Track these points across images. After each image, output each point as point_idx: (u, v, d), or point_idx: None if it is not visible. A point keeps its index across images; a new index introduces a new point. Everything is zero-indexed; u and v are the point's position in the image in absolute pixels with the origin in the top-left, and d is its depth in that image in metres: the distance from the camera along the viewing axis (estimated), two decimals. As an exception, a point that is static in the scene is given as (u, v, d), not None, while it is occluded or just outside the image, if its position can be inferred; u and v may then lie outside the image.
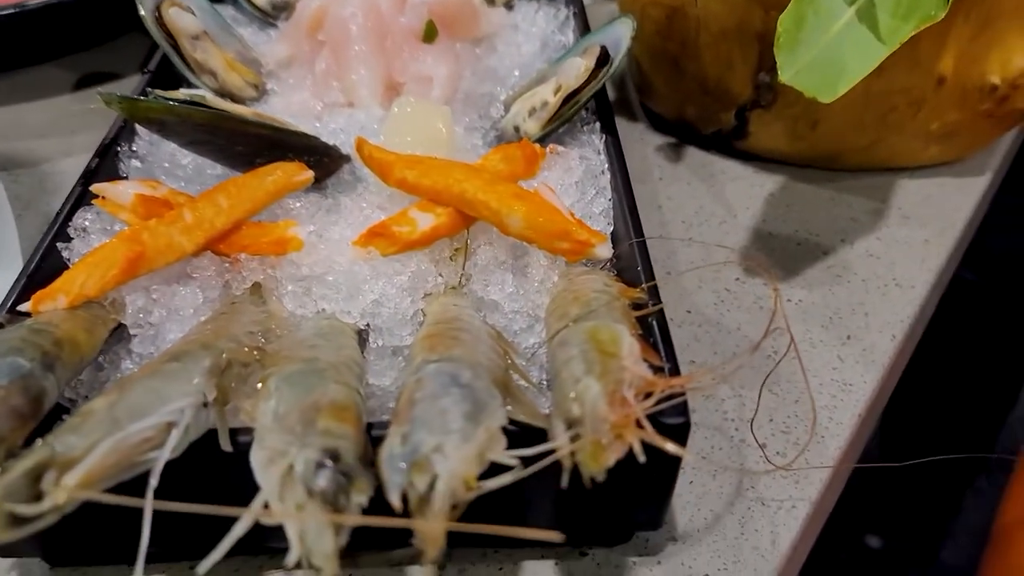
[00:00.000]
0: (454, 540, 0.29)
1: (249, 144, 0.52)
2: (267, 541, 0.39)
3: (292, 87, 0.65)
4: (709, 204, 0.67)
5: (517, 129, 0.60)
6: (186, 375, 0.35)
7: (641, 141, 0.75)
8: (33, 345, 0.38)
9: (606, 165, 0.54)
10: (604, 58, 0.57)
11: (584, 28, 0.70)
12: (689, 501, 0.46)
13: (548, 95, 0.58)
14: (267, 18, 0.76)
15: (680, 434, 0.37)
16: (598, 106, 0.59)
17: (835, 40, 0.50)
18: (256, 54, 0.69)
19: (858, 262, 0.61)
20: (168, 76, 0.66)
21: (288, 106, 0.63)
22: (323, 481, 0.29)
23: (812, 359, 0.54)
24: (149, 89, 0.51)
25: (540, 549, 0.44)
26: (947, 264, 0.63)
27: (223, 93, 0.65)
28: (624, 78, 0.82)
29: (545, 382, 0.44)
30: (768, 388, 0.51)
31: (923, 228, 0.64)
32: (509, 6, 0.74)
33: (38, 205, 0.68)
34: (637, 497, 0.40)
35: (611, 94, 0.80)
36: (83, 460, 0.30)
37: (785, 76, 0.49)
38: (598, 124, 0.58)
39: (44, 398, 0.37)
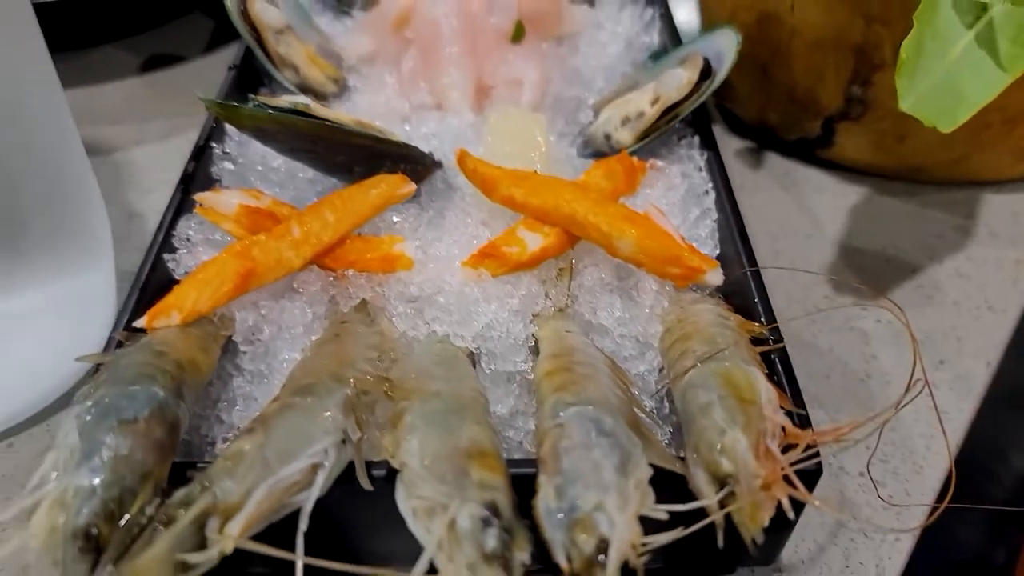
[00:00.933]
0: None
1: (350, 154, 0.51)
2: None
3: (375, 85, 0.64)
4: (794, 216, 0.66)
5: (608, 137, 0.59)
6: (322, 410, 0.35)
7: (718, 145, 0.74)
8: (162, 371, 0.38)
9: (710, 184, 0.53)
10: (706, 70, 0.56)
11: (671, 30, 0.69)
12: (794, 532, 0.46)
13: (645, 105, 0.57)
14: (342, 6, 0.75)
15: (812, 480, 0.37)
16: (696, 120, 0.58)
17: (954, 67, 0.49)
18: (337, 47, 0.68)
19: (948, 282, 0.61)
20: (248, 69, 0.65)
21: (374, 106, 0.62)
22: (492, 540, 0.29)
23: (904, 385, 0.54)
24: (252, 96, 0.50)
25: None
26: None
27: (304, 88, 0.64)
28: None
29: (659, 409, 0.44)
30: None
31: (1013, 248, 0.63)
32: (591, 2, 0.73)
33: (115, 197, 0.67)
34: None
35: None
36: (243, 507, 0.30)
37: (905, 105, 0.48)
38: (697, 138, 0.57)
39: (179, 426, 0.37)
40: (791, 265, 0.62)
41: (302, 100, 0.50)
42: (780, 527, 0.40)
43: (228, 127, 0.57)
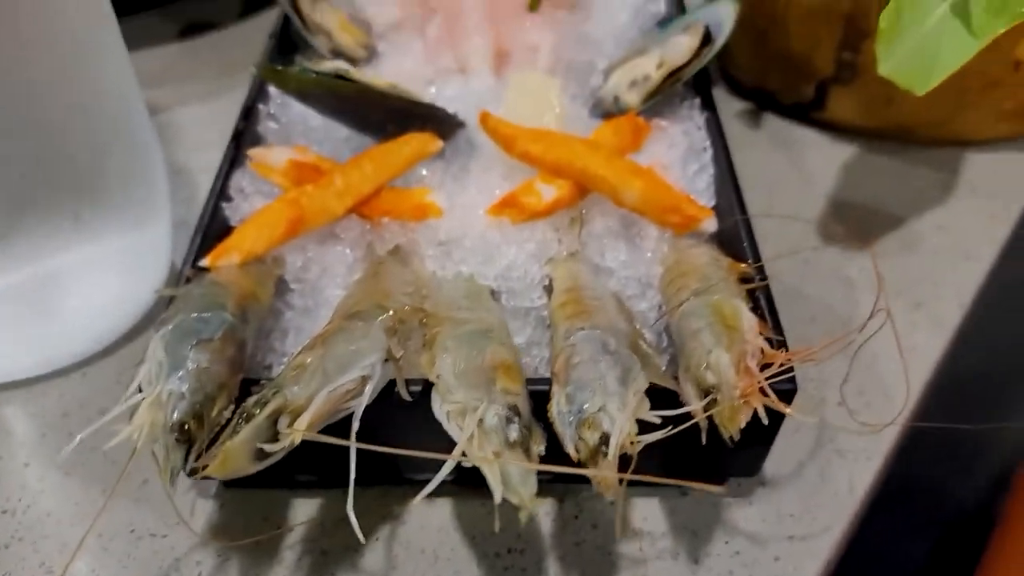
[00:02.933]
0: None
1: (384, 114, 0.57)
2: (406, 473, 0.46)
3: (402, 50, 0.69)
4: (787, 172, 0.72)
5: (616, 99, 0.64)
6: (369, 331, 0.41)
7: (719, 107, 0.79)
8: (229, 300, 0.44)
9: (708, 141, 0.59)
10: (707, 37, 0.61)
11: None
12: (776, 450, 0.52)
13: (651, 69, 0.62)
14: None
15: (788, 398, 0.43)
16: (697, 83, 0.63)
17: (930, 34, 0.54)
18: (366, 15, 0.73)
19: (929, 233, 0.66)
20: (285, 35, 0.71)
21: (401, 71, 0.67)
22: (515, 433, 0.35)
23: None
24: (298, 59, 0.55)
25: (646, 488, 0.50)
26: (1012, 235, 0.67)
27: (336, 52, 0.70)
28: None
29: (657, 343, 0.50)
30: (845, 353, 0.57)
31: (990, 201, 0.69)
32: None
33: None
34: (741, 448, 0.47)
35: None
36: (308, 407, 0.36)
37: (884, 69, 0.53)
38: (698, 100, 0.62)
39: (246, 347, 0.43)
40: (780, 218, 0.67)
41: (342, 65, 0.56)
42: (762, 440, 0.47)
43: (272, 90, 0.63)
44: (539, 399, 0.40)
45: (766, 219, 0.67)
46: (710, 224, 0.53)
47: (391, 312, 0.43)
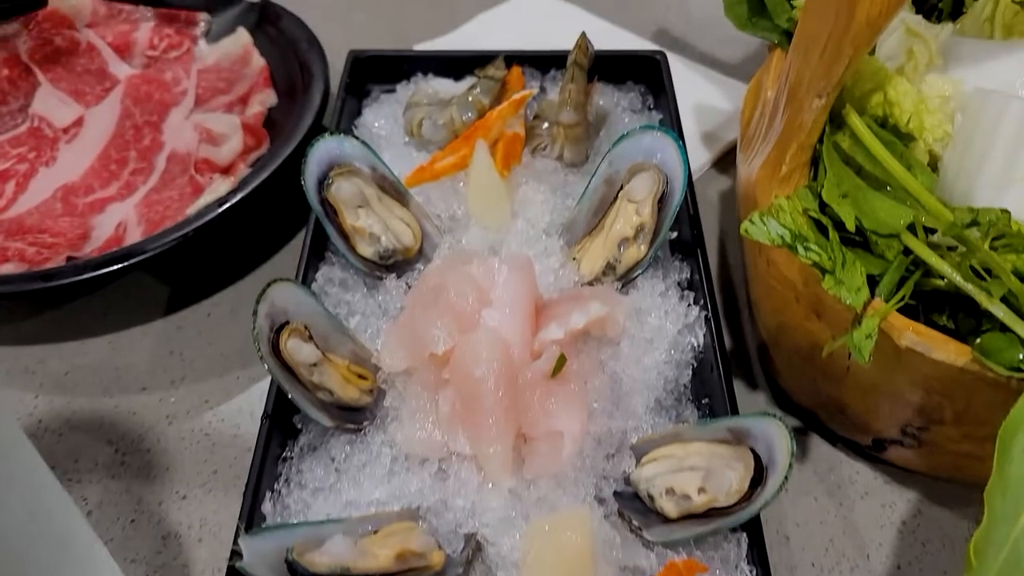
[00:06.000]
0: None
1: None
2: None
3: (411, 410, 0.62)
4: (840, 538, 0.64)
5: (651, 498, 0.57)
6: None
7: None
8: None
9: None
10: (758, 469, 0.54)
11: (716, 324, 0.65)
12: None
13: (691, 490, 0.55)
14: (375, 270, 0.72)
15: None
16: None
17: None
18: (371, 352, 0.66)
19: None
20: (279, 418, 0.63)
21: (411, 443, 0.60)
22: None
23: None
24: (290, 551, 0.48)
25: None
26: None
27: (339, 405, 0.63)
28: (744, 330, 0.78)
29: None
30: None
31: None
32: (625, 279, 0.70)
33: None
34: None
35: (725, 339, 0.76)
36: None
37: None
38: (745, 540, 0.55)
39: None
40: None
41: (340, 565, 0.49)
42: None
43: None
44: None
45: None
46: None
47: None
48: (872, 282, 0.56)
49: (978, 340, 0.51)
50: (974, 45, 0.64)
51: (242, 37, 0.99)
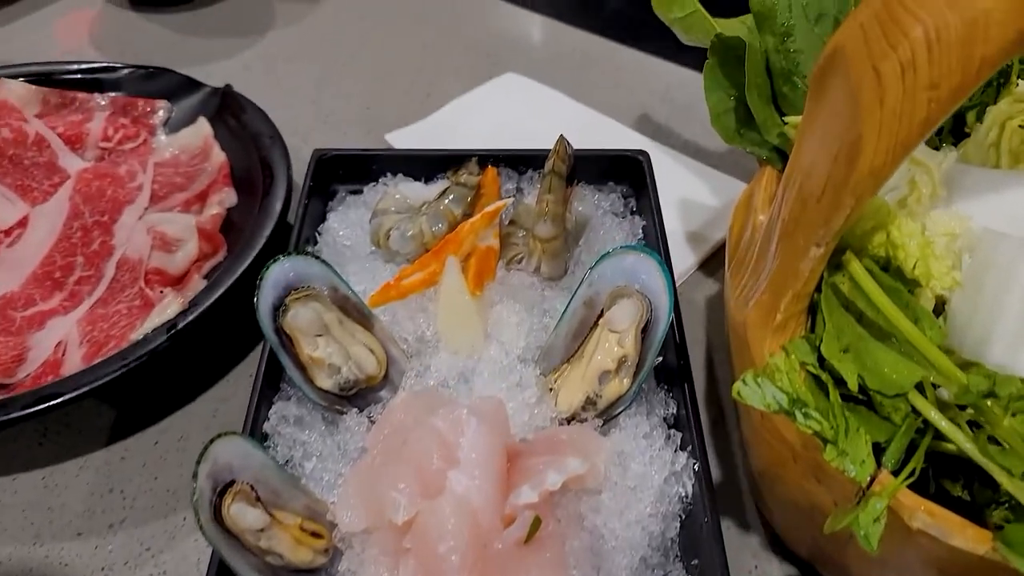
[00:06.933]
0: None
1: None
2: None
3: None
4: None
5: None
6: None
7: (756, 572, 0.65)
8: None
9: None
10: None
11: (706, 474, 0.60)
12: None
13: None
14: (335, 403, 0.66)
15: None
16: None
17: None
18: (327, 506, 0.59)
19: None
20: None
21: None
22: None
23: None
24: None
25: None
26: None
27: (290, 569, 0.56)
28: (735, 459, 0.72)
29: None
30: None
31: None
32: (607, 416, 0.64)
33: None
34: None
35: (715, 472, 0.70)
36: None
37: None
38: None
39: None
40: None
41: None
42: None
43: None
44: None
45: None
46: None
47: None
48: (877, 447, 0.51)
49: (1001, 529, 0.46)
50: (980, 175, 0.59)
51: (203, 128, 0.94)
